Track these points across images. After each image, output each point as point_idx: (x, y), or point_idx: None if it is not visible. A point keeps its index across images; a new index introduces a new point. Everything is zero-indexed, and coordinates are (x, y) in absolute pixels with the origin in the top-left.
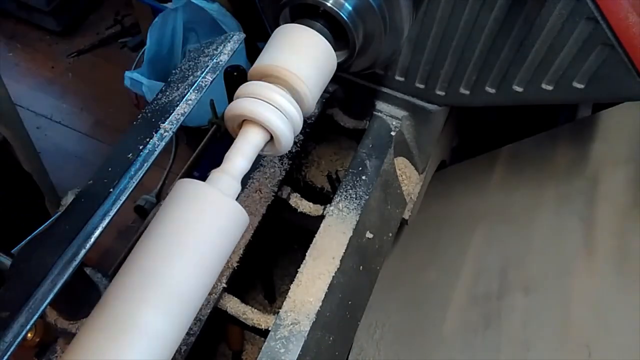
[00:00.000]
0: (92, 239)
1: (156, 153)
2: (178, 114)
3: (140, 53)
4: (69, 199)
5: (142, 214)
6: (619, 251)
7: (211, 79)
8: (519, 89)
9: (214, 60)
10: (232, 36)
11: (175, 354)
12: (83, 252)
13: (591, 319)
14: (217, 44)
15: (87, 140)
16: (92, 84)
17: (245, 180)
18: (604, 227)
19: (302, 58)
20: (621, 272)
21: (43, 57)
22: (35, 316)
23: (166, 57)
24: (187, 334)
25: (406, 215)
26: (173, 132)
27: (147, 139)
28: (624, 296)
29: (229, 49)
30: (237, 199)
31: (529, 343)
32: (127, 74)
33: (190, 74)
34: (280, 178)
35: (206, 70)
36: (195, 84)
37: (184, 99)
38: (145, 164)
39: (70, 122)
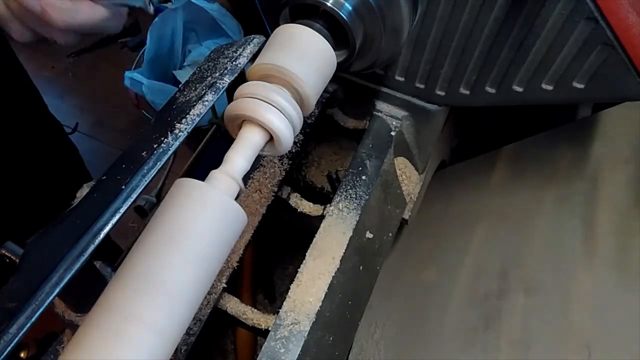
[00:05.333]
0: (102, 235)
1: (169, 153)
2: (194, 115)
3: (140, 53)
4: (84, 191)
5: (142, 214)
6: (619, 251)
7: (229, 81)
8: (519, 89)
9: (233, 63)
10: (253, 39)
11: (175, 354)
12: (92, 247)
13: (591, 319)
14: (237, 46)
15: (87, 140)
16: (92, 84)
17: (245, 180)
18: (604, 227)
19: (301, 58)
20: (621, 272)
21: (43, 57)
22: (42, 308)
23: (166, 57)
24: (187, 333)
25: (406, 215)
26: (188, 132)
27: (162, 138)
28: (624, 296)
29: (248, 52)
30: (236, 199)
31: (529, 343)
32: (127, 74)
33: (208, 74)
34: (280, 178)
35: (224, 71)
36: (213, 85)
37: (200, 100)
38: (158, 163)
39: (71, 122)
